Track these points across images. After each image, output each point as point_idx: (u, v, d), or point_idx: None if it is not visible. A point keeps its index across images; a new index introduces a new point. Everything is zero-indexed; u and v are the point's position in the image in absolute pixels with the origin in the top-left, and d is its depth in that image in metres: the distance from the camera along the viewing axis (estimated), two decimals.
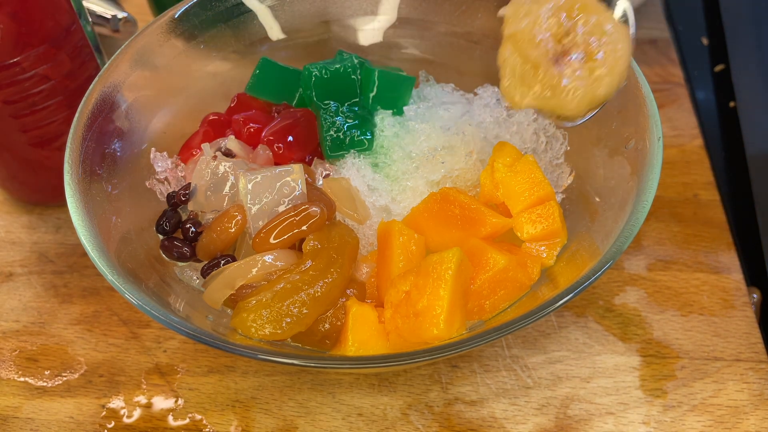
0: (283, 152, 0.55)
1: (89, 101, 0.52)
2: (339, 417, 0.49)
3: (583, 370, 0.51)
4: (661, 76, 0.72)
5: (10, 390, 0.53)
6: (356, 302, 0.47)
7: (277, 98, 0.60)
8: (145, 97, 0.58)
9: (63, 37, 0.55)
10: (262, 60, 0.60)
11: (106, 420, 0.50)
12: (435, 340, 0.43)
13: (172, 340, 0.55)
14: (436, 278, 0.44)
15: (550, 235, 0.50)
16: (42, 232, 0.63)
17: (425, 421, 0.49)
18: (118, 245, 0.48)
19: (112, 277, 0.44)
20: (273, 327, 0.44)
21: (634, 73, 0.50)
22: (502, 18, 0.47)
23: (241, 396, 0.51)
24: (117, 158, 0.54)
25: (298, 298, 0.45)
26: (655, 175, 0.45)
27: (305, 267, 0.46)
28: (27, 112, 0.56)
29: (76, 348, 0.55)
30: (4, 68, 0.53)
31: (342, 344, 0.47)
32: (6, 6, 0.51)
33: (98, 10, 0.74)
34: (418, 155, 0.56)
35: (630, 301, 0.55)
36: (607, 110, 0.54)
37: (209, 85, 0.63)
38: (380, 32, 0.66)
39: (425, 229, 0.50)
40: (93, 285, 0.59)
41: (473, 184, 0.55)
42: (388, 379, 0.51)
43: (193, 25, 0.60)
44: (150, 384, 0.52)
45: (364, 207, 0.53)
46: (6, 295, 0.59)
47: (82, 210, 0.47)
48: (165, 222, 0.51)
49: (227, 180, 0.51)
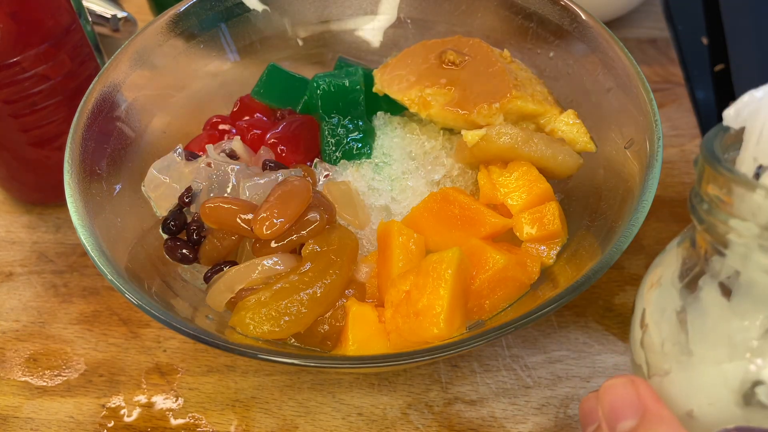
0: (285, 155, 0.55)
1: (89, 101, 0.52)
2: (339, 417, 0.49)
3: (583, 369, 0.51)
4: (661, 75, 0.72)
5: (10, 390, 0.53)
6: (356, 302, 0.47)
7: (282, 104, 0.61)
8: (145, 96, 0.58)
9: (63, 37, 0.55)
10: (270, 66, 0.61)
11: (106, 419, 0.50)
12: (435, 339, 0.43)
13: (172, 340, 0.55)
14: (436, 278, 0.44)
15: (550, 236, 0.50)
16: (42, 232, 0.63)
17: (425, 420, 0.49)
18: (117, 245, 0.48)
19: (111, 276, 0.44)
20: (271, 325, 0.44)
21: (635, 73, 0.50)
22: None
23: (241, 396, 0.51)
24: (117, 158, 0.54)
25: (297, 297, 0.45)
26: (655, 175, 0.45)
27: (304, 269, 0.46)
28: (27, 111, 0.56)
29: (76, 347, 0.55)
30: (3, 68, 0.53)
31: (342, 344, 0.47)
32: (6, 6, 0.51)
33: (98, 9, 0.74)
34: (418, 155, 0.56)
35: (630, 301, 0.55)
36: (608, 110, 0.54)
37: (209, 85, 0.63)
38: (380, 32, 0.66)
39: (425, 229, 0.50)
40: (93, 285, 0.59)
41: (473, 184, 0.55)
42: (388, 379, 0.51)
43: (193, 25, 0.60)
44: (150, 384, 0.52)
45: (365, 211, 0.53)
46: (6, 294, 0.59)
47: (81, 210, 0.47)
48: (172, 222, 0.51)
49: (228, 182, 0.51)
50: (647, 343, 0.32)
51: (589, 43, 0.55)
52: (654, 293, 0.33)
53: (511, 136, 0.50)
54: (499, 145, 0.50)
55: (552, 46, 0.59)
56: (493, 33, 0.61)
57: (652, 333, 0.32)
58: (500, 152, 0.51)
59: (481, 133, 0.51)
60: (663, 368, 0.31)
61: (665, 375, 0.30)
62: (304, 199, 0.47)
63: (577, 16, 0.56)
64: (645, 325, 0.32)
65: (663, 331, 0.31)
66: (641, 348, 0.33)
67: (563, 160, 0.51)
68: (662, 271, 0.33)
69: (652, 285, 0.33)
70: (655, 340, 0.31)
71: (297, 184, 0.48)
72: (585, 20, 0.55)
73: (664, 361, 0.31)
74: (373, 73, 0.59)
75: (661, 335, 0.31)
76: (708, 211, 0.28)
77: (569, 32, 0.57)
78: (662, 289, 0.32)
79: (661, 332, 0.31)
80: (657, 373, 0.31)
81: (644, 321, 0.33)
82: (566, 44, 0.58)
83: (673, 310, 0.31)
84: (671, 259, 0.33)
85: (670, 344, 0.30)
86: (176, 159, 0.53)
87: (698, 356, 0.29)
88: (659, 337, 0.31)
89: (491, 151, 0.51)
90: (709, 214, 0.28)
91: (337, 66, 0.62)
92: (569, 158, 0.51)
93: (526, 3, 0.59)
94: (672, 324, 0.30)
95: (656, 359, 0.31)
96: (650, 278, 0.34)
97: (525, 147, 0.50)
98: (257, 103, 0.61)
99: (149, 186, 0.53)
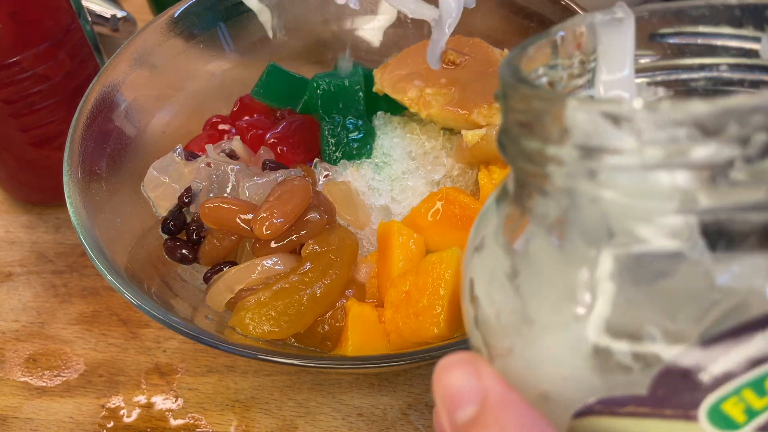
0: (285, 155, 0.55)
1: (89, 101, 0.52)
2: (339, 417, 0.49)
3: None
4: None
5: (10, 390, 0.53)
6: (356, 303, 0.47)
7: (282, 104, 0.61)
8: (144, 96, 0.58)
9: (62, 37, 0.55)
10: (270, 66, 0.61)
11: (106, 420, 0.50)
12: (435, 339, 0.43)
13: (171, 340, 0.54)
14: (436, 278, 0.44)
15: None
16: (41, 232, 0.63)
17: (425, 421, 0.49)
18: (117, 245, 0.48)
19: (111, 276, 0.44)
20: (271, 325, 0.44)
21: None
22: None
23: (241, 396, 0.51)
24: (116, 158, 0.54)
25: (297, 297, 0.45)
26: None
27: (304, 269, 0.46)
28: (26, 111, 0.56)
29: (75, 348, 0.55)
30: (3, 68, 0.53)
31: (342, 344, 0.47)
32: (5, 5, 0.51)
33: (98, 9, 0.74)
34: (418, 155, 0.56)
35: None
36: None
37: (209, 84, 0.63)
38: (380, 32, 0.66)
39: (425, 229, 0.50)
40: (92, 285, 0.59)
41: (473, 184, 0.55)
42: (388, 379, 0.51)
43: (193, 25, 0.60)
44: (149, 384, 0.52)
45: (365, 212, 0.53)
46: (5, 294, 0.59)
47: (81, 210, 0.47)
48: (171, 222, 0.51)
49: (228, 182, 0.51)
50: (482, 318, 0.26)
51: None
52: (478, 259, 0.27)
53: None
54: None
55: None
56: (493, 33, 0.61)
57: (485, 305, 0.26)
58: None
59: (481, 133, 0.51)
60: (504, 346, 0.25)
61: (508, 354, 0.25)
62: (304, 199, 0.47)
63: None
64: (475, 297, 0.27)
65: (496, 300, 0.25)
66: (476, 328, 0.27)
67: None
68: (484, 230, 0.27)
69: (476, 249, 0.27)
70: (488, 312, 0.26)
71: (297, 184, 0.48)
72: None
73: (503, 336, 0.25)
74: (373, 73, 0.59)
75: (495, 306, 0.25)
76: (519, 145, 0.24)
77: None
78: (486, 251, 0.26)
79: (494, 302, 0.25)
80: (499, 353, 0.26)
81: (474, 293, 0.27)
82: None
83: (503, 274, 0.25)
84: (491, 216, 0.27)
85: (507, 315, 0.25)
86: (176, 159, 0.53)
87: (540, 323, 0.23)
88: (493, 308, 0.26)
89: (491, 151, 0.51)
90: (521, 148, 0.24)
91: (337, 66, 0.62)
92: None
93: (526, 3, 0.59)
94: (504, 290, 0.25)
95: (495, 337, 0.26)
96: (473, 242, 0.28)
97: None
98: (257, 103, 0.61)
99: (149, 186, 0.53)
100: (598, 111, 0.21)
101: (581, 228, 0.22)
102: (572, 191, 0.22)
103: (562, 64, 0.28)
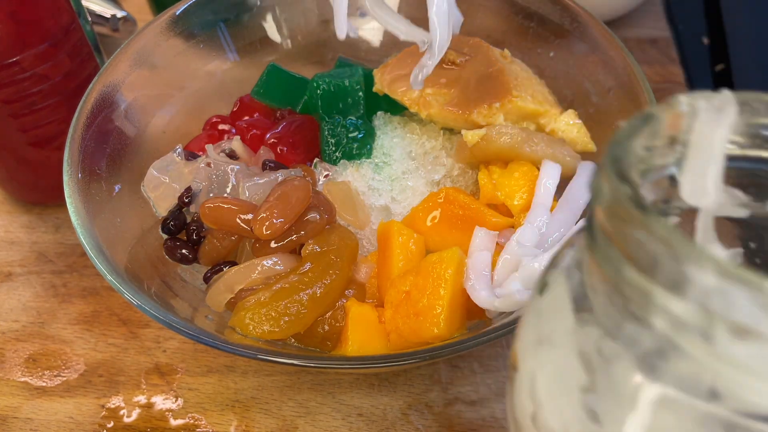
0: (285, 155, 0.55)
1: (88, 101, 0.52)
2: (339, 417, 0.49)
3: None
4: (661, 75, 0.72)
5: (10, 390, 0.52)
6: (356, 303, 0.47)
7: (282, 104, 0.61)
8: (144, 96, 0.58)
9: (62, 37, 0.55)
10: (270, 66, 0.61)
11: (106, 420, 0.50)
12: (435, 339, 0.43)
13: (171, 340, 0.54)
14: (435, 278, 0.44)
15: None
16: (41, 232, 0.63)
17: (425, 421, 0.49)
18: (117, 245, 0.48)
19: (111, 276, 0.44)
20: (271, 325, 0.44)
21: (635, 73, 0.50)
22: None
23: (241, 396, 0.51)
24: (116, 158, 0.54)
25: (297, 297, 0.45)
26: None
27: (304, 269, 0.46)
28: (26, 111, 0.56)
29: (75, 348, 0.55)
30: (3, 68, 0.53)
31: (342, 344, 0.46)
32: (5, 5, 0.51)
33: (97, 9, 0.74)
34: (418, 155, 0.56)
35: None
36: (608, 110, 0.54)
37: (208, 84, 0.63)
38: (380, 32, 0.66)
39: (425, 229, 0.50)
40: (92, 285, 0.59)
41: (473, 184, 0.55)
42: (388, 379, 0.51)
43: (193, 25, 0.60)
44: (149, 384, 0.52)
45: (365, 211, 0.53)
46: (5, 294, 0.59)
47: (81, 210, 0.47)
48: (172, 222, 0.51)
49: (228, 182, 0.51)
50: (543, 422, 0.23)
51: (589, 43, 0.55)
52: (544, 355, 0.23)
53: (511, 135, 0.50)
54: (499, 145, 0.50)
55: (552, 45, 0.59)
56: (493, 33, 0.61)
57: (550, 411, 0.22)
58: (500, 152, 0.51)
59: (481, 133, 0.51)
60: None
61: None
62: (304, 199, 0.47)
63: (578, 16, 0.56)
64: (536, 396, 0.23)
65: (564, 414, 0.22)
66: (533, 425, 0.24)
67: (563, 160, 0.51)
68: (554, 324, 0.23)
69: (540, 342, 0.23)
70: (553, 423, 0.22)
71: (297, 184, 0.48)
72: (585, 20, 0.55)
73: None
74: (373, 73, 0.59)
75: (563, 418, 0.22)
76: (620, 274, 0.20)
77: (569, 32, 0.57)
78: (558, 352, 0.22)
79: (561, 415, 0.22)
80: None
81: (535, 391, 0.23)
82: (566, 44, 0.57)
83: (576, 386, 0.21)
84: (562, 309, 0.23)
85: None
86: (176, 159, 0.53)
87: None
88: (559, 419, 0.22)
89: (491, 151, 0.51)
90: (622, 276, 0.20)
91: (337, 66, 0.62)
92: (569, 158, 0.51)
93: (526, 3, 0.59)
94: (576, 408, 0.21)
95: None
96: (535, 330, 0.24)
97: (525, 147, 0.50)
98: (257, 103, 0.61)
99: (149, 186, 0.53)
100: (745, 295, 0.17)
101: (677, 374, 0.20)
102: (676, 345, 0.19)
103: (655, 145, 0.25)
